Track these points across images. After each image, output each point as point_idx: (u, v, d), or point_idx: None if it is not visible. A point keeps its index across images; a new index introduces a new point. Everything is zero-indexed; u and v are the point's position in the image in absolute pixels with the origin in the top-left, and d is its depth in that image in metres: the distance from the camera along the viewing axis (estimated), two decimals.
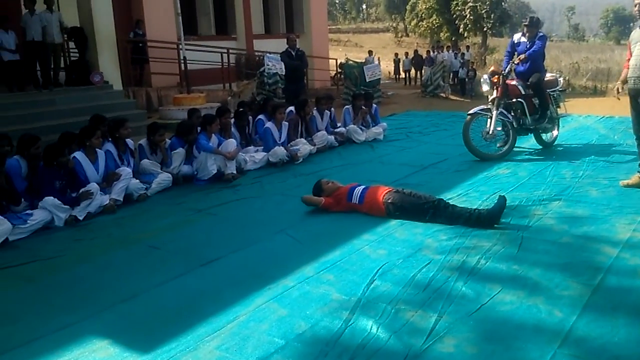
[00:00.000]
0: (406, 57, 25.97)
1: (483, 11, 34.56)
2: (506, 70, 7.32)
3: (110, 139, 6.40)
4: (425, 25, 39.78)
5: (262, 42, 18.20)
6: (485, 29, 34.07)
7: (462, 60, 21.50)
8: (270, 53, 12.37)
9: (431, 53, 23.96)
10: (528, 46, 7.29)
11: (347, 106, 9.54)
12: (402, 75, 26.55)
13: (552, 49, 45.80)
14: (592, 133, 8.61)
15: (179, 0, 11.91)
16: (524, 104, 7.31)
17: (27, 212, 5.23)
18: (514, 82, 7.38)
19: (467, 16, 33.91)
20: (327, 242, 4.44)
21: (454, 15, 35.13)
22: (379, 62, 21.51)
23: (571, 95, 24.18)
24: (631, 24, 57.68)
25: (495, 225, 4.59)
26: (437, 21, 38.04)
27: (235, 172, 6.90)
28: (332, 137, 8.68)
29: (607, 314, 3.10)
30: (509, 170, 6.58)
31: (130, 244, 4.76)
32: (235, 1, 18.01)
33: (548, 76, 7.77)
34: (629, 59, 5.61)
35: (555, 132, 7.86)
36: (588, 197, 5.32)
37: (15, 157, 5.48)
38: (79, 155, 5.85)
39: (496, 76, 7.23)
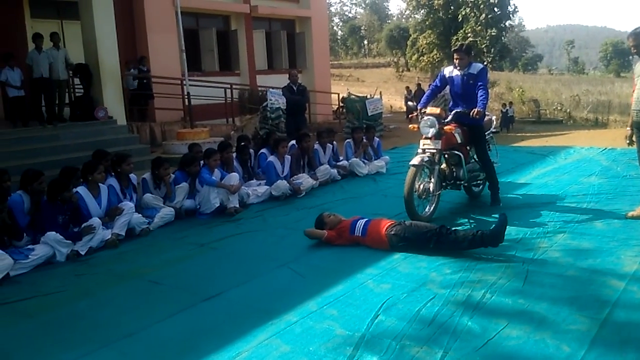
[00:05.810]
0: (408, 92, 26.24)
1: (483, 46, 35.12)
2: (422, 107, 6.22)
3: (112, 174, 6.43)
4: (426, 60, 40.32)
5: (265, 78, 18.46)
6: (485, 63, 34.49)
7: None
8: (273, 88, 12.51)
9: None
10: (461, 81, 6.16)
11: (348, 140, 9.58)
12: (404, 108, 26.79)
13: (553, 82, 46.36)
14: (594, 165, 8.59)
15: (183, 37, 12.14)
16: (461, 156, 6.15)
17: (29, 247, 5.23)
18: (449, 129, 6.08)
19: None
20: (330, 276, 4.40)
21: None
22: (381, 96, 21.77)
23: (572, 127, 24.46)
24: (630, 57, 58.07)
25: (500, 258, 4.54)
26: (437, 56, 38.59)
27: (237, 205, 6.89)
28: (334, 171, 8.69)
29: (615, 349, 3.03)
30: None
31: (132, 279, 4.72)
32: (239, 38, 18.39)
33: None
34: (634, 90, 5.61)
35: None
36: (593, 230, 5.27)
37: (18, 192, 5.51)
38: (81, 190, 5.87)
39: (447, 126, 6.04)
